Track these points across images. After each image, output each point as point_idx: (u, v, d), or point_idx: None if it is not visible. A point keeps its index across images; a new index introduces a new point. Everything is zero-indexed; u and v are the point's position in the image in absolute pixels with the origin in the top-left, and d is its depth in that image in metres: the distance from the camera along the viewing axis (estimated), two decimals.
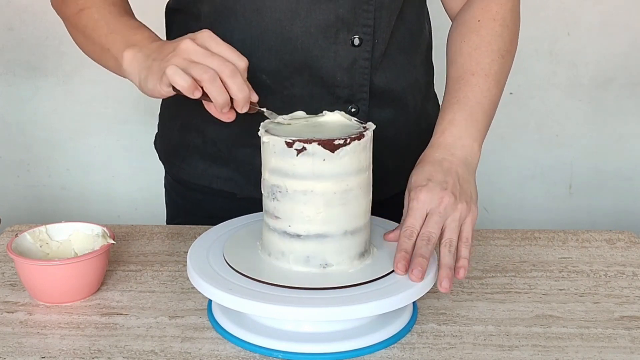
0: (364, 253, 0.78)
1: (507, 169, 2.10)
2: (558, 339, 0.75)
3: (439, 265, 0.77)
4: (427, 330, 0.77)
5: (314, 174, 0.73)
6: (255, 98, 0.81)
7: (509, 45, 0.95)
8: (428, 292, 0.75)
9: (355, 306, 0.69)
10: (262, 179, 0.78)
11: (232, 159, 1.02)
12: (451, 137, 0.87)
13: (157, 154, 1.14)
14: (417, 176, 0.83)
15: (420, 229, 0.78)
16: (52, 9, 1.00)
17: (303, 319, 0.71)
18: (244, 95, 0.78)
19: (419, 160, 0.87)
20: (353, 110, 0.98)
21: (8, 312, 0.81)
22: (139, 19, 0.94)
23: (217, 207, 1.05)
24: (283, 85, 0.96)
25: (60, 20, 0.99)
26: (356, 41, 0.95)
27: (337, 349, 0.72)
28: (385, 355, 0.72)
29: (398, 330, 0.75)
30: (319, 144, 0.72)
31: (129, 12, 0.95)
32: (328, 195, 0.74)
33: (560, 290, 0.86)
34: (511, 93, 2.02)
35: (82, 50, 0.96)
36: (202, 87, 0.78)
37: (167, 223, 1.18)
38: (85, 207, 2.12)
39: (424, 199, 0.79)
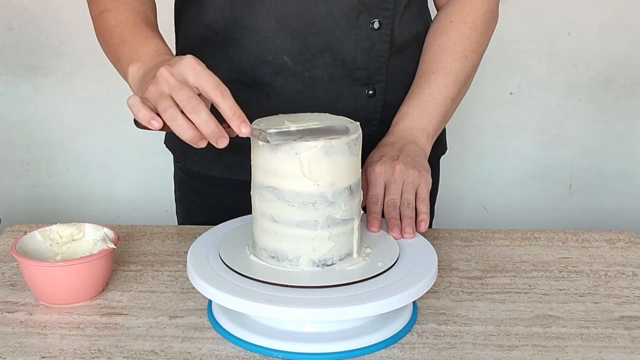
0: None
1: (507, 169, 2.10)
2: (558, 339, 0.75)
3: (401, 219, 0.86)
4: (427, 330, 0.77)
5: None
6: (233, 131, 0.74)
7: (475, 46, 1.02)
8: (428, 292, 0.75)
9: (355, 306, 0.69)
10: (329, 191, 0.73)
11: (248, 143, 1.01)
12: (403, 127, 0.99)
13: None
14: (373, 155, 0.95)
15: (384, 196, 0.89)
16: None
17: (303, 319, 0.71)
18: (210, 132, 0.72)
19: (376, 146, 0.97)
20: (370, 92, 1.02)
21: (8, 312, 0.81)
22: None
23: (228, 198, 1.06)
24: (304, 67, 0.98)
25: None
26: (376, 24, 0.98)
27: (337, 349, 0.72)
28: (385, 355, 0.72)
29: (398, 330, 0.75)
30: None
31: (146, 19, 0.94)
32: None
33: (560, 290, 0.86)
34: (511, 93, 2.02)
35: (104, 53, 0.97)
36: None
37: (179, 219, 1.19)
38: (85, 207, 2.12)
39: (379, 170, 0.91)
